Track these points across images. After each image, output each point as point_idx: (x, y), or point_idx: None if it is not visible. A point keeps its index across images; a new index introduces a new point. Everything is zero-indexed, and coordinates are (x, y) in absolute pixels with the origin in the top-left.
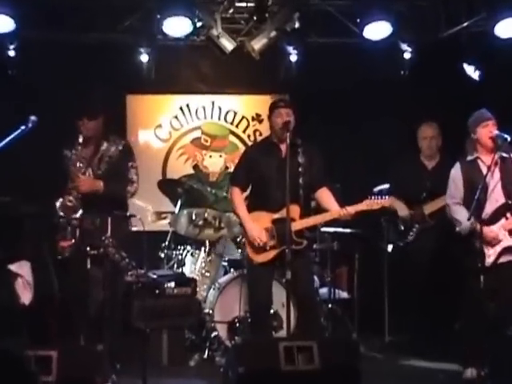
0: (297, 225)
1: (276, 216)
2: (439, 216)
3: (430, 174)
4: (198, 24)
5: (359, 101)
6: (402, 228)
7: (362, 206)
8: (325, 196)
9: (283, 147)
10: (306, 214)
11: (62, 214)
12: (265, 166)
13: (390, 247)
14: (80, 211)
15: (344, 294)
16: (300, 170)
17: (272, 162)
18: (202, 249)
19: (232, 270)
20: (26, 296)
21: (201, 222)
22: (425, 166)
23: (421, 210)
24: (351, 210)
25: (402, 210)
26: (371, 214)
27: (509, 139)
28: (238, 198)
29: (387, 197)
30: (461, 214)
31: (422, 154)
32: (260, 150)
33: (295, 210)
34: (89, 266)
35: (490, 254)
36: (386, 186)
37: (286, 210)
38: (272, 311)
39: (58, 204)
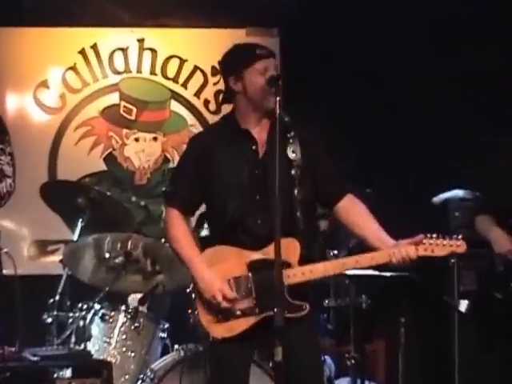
0: (295, 274)
1: (255, 256)
2: None
3: None
4: None
5: (399, 51)
6: (502, 267)
7: (418, 248)
8: (354, 213)
9: (260, 134)
10: (312, 254)
11: None
12: (229, 170)
13: (463, 304)
14: None
15: None
16: (293, 172)
17: (241, 164)
18: (123, 308)
19: (177, 346)
20: None
21: (120, 260)
22: None
23: None
24: (412, 251)
25: (501, 242)
26: None
27: None
28: (179, 226)
29: (460, 237)
30: None
31: None
32: (219, 139)
33: (291, 248)
34: None
35: None
36: (458, 192)
37: (275, 248)
38: None
39: None
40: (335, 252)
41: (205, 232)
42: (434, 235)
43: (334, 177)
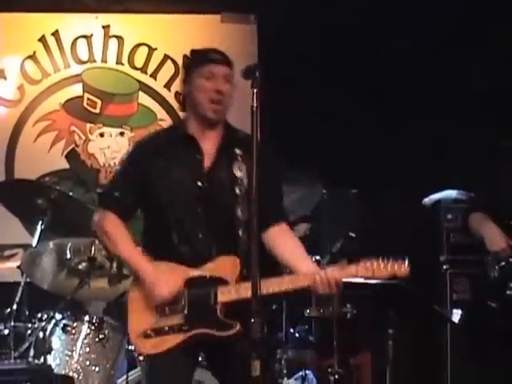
0: (229, 291)
1: (193, 273)
2: None
3: None
4: None
5: (390, 38)
6: (496, 273)
7: (352, 270)
8: (283, 241)
9: (208, 144)
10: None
11: None
12: (171, 179)
13: (456, 314)
14: None
15: None
16: (237, 190)
17: (184, 173)
18: (86, 319)
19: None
20: None
21: (83, 266)
22: None
23: None
24: (335, 274)
25: (496, 242)
26: (423, 252)
27: None
28: (116, 225)
29: (405, 261)
30: None
31: None
32: (164, 146)
33: (231, 265)
34: None
35: None
36: (451, 193)
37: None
38: None
39: None
40: (317, 257)
41: None
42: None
43: (272, 201)
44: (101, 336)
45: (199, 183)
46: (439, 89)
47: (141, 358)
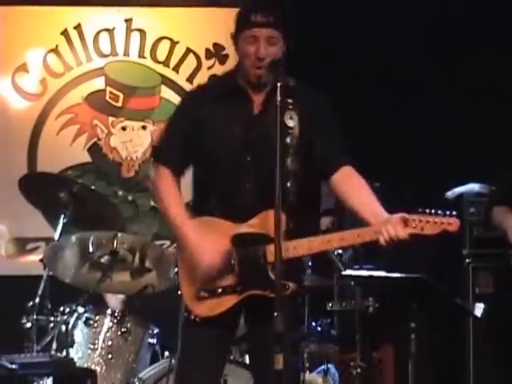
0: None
1: (240, 229)
2: None
3: None
4: None
5: (413, 31)
6: None
7: (407, 226)
8: (349, 185)
9: (257, 94)
10: (303, 229)
11: None
12: (221, 130)
13: (479, 308)
14: None
15: None
16: (288, 140)
17: (235, 124)
18: (108, 312)
19: (167, 353)
20: None
21: (105, 259)
22: None
23: None
24: (400, 230)
25: None
26: (446, 246)
27: None
28: (169, 185)
29: (454, 214)
30: None
31: None
32: (213, 98)
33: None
34: None
35: None
36: (474, 186)
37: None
38: None
39: None
40: (340, 251)
41: None
42: (427, 210)
43: (331, 147)
44: (123, 329)
45: (248, 132)
46: (463, 82)
47: (197, 319)
